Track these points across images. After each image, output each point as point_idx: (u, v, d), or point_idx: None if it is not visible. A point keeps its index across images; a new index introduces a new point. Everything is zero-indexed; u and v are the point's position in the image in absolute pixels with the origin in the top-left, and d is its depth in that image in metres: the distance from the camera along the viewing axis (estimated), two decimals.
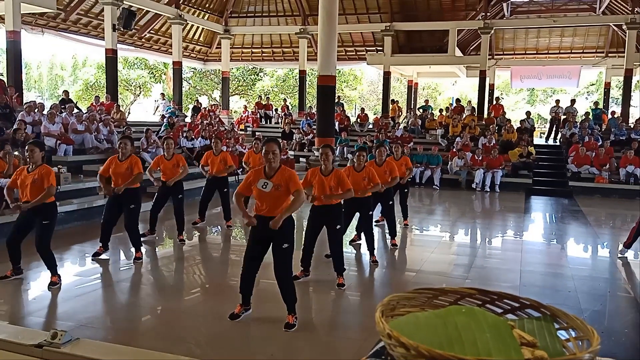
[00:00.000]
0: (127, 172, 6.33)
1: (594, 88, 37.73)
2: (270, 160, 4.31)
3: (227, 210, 8.65)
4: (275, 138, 5.05)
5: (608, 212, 11.89)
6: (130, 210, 6.45)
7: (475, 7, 20.21)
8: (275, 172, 4.35)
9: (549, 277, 6.51)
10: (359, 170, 6.39)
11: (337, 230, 5.63)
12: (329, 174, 5.46)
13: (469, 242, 8.92)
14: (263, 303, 4.92)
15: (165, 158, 7.57)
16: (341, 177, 5.48)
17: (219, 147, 8.66)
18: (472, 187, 14.03)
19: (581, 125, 16.66)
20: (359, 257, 7.16)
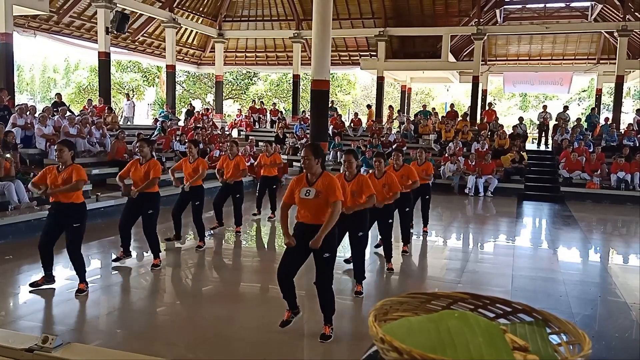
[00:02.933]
0: (146, 176, 6.19)
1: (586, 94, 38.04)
2: (305, 166, 4.23)
3: (239, 216, 8.57)
4: (315, 144, 4.94)
5: (599, 218, 11.98)
6: (147, 216, 6.27)
7: (469, 13, 20.35)
8: (318, 179, 4.25)
9: (540, 282, 6.53)
10: (378, 177, 6.31)
11: (360, 237, 5.54)
12: (352, 179, 5.37)
13: (462, 247, 8.95)
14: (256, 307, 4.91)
15: (188, 162, 7.54)
16: (364, 182, 5.34)
17: (235, 151, 8.55)
18: (465, 192, 14.09)
19: (572, 131, 16.79)
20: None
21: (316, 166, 4.22)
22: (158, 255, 6.40)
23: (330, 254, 4.23)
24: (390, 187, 6.27)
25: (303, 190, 4.21)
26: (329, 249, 4.20)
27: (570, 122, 18.36)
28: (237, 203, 8.53)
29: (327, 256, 4.21)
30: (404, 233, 7.52)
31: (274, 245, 8.65)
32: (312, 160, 4.18)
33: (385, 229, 6.51)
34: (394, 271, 6.60)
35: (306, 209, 4.24)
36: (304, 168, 4.25)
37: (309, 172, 4.24)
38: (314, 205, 4.19)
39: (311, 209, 4.22)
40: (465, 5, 20.53)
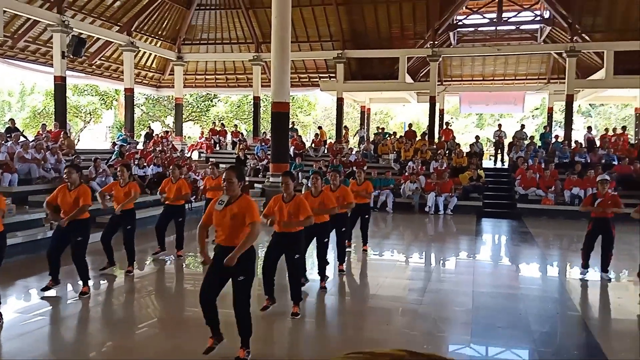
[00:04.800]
0: (75, 202, 6.10)
1: (539, 112, 39.41)
2: (227, 188, 4.29)
3: (180, 240, 8.49)
4: (235, 166, 5.04)
5: (555, 233, 12.31)
6: (77, 243, 6.18)
7: (424, 36, 20.89)
8: (235, 200, 4.30)
9: (500, 299, 6.62)
10: (315, 195, 6.45)
11: (296, 258, 5.60)
12: (290, 200, 5.50)
13: (423, 266, 9.01)
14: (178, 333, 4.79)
15: (119, 185, 7.37)
16: (301, 203, 5.49)
17: (177, 174, 8.47)
18: (425, 210, 14.28)
19: (527, 148, 17.32)
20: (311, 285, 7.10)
21: (238, 189, 4.29)
22: (87, 282, 6.28)
23: (246, 277, 4.25)
24: (325, 205, 6.40)
25: (217, 204, 4.31)
26: (244, 272, 4.23)
27: (528, 139, 18.94)
28: (179, 226, 8.47)
29: (241, 279, 4.23)
30: (339, 252, 7.60)
31: None
32: (235, 182, 4.25)
33: (320, 249, 6.61)
34: (327, 290, 6.65)
35: (222, 230, 4.28)
36: (226, 190, 4.30)
37: (230, 193, 4.29)
38: (230, 226, 4.23)
39: (226, 230, 4.26)
40: (420, 28, 21.07)
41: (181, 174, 8.77)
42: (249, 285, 4.32)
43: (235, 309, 4.29)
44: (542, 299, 6.76)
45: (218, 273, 4.28)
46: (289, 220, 5.44)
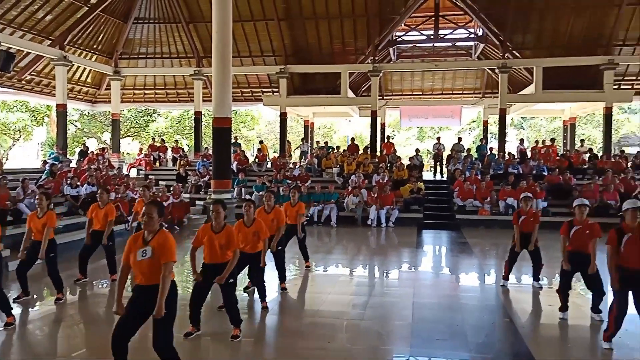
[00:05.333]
0: (43, 227, 6.77)
1: (475, 124, 40.99)
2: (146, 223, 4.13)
3: (112, 264, 8.14)
4: (156, 201, 4.72)
5: (491, 243, 12.71)
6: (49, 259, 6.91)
7: (365, 51, 21.30)
8: (154, 236, 4.14)
9: (439, 311, 6.73)
10: (248, 225, 6.37)
11: (229, 284, 5.49)
12: (220, 231, 5.40)
13: (366, 280, 9.04)
14: None
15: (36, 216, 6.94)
16: (231, 235, 5.40)
17: (105, 198, 8.09)
18: (368, 223, 14.43)
19: (464, 160, 17.90)
20: (252, 304, 6.98)
21: (157, 224, 4.15)
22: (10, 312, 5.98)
23: (167, 312, 4.05)
24: (258, 235, 6.36)
25: (139, 252, 4.08)
26: (166, 308, 4.03)
27: (463, 152, 19.59)
28: (109, 252, 8.16)
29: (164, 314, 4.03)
30: (279, 272, 7.58)
31: None
32: (155, 218, 4.12)
33: (257, 272, 6.55)
34: (268, 310, 6.62)
35: (140, 269, 4.09)
36: (145, 224, 4.12)
37: (148, 228, 4.13)
38: (148, 264, 4.06)
39: (145, 269, 4.08)
40: (361, 44, 21.48)
41: (109, 198, 8.35)
42: (169, 323, 4.11)
43: (157, 346, 4.08)
44: (479, 309, 6.93)
45: (136, 315, 4.09)
46: (221, 252, 5.36)
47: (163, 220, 4.29)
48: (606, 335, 5.32)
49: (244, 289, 7.42)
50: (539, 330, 6.15)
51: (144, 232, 4.18)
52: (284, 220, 7.50)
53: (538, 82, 19.44)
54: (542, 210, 14.43)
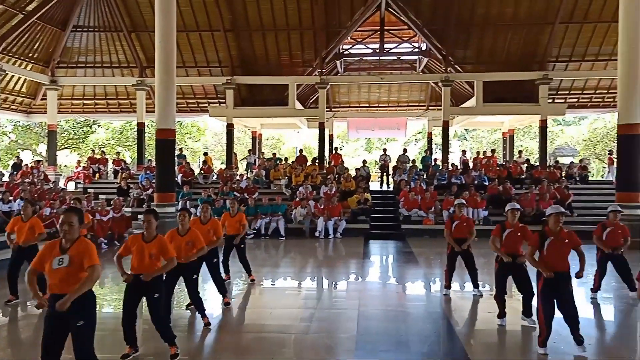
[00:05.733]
0: None
1: (421, 136, 41.99)
2: (66, 231, 4.04)
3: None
4: (74, 208, 4.65)
5: (435, 252, 12.90)
6: None
7: (312, 64, 21.43)
8: (72, 244, 4.07)
9: (383, 323, 6.74)
10: (182, 234, 6.22)
11: (156, 299, 5.25)
12: (151, 240, 5.24)
13: (313, 292, 8.98)
14: None
15: None
16: (163, 244, 5.26)
17: (29, 212, 7.63)
18: (316, 235, 14.40)
19: (409, 171, 18.23)
20: (193, 321, 6.76)
21: (77, 232, 4.11)
22: None
23: (85, 321, 4.00)
24: (193, 244, 6.24)
25: (55, 260, 4.00)
26: (84, 317, 3.99)
27: (409, 163, 19.95)
28: None
29: (81, 324, 3.97)
30: (218, 286, 7.43)
31: None
32: (75, 225, 4.07)
33: (190, 285, 6.39)
34: (210, 325, 6.45)
35: (56, 278, 4.01)
36: (65, 233, 4.05)
37: (68, 237, 4.07)
38: (64, 273, 3.99)
39: (62, 277, 3.99)
40: (309, 56, 21.60)
41: (33, 212, 7.89)
42: (90, 332, 4.04)
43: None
44: (423, 318, 7.00)
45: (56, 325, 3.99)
46: (150, 262, 5.17)
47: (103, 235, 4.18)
48: (540, 340, 5.47)
49: (186, 306, 7.19)
50: (479, 338, 6.25)
51: (62, 240, 4.09)
52: (220, 231, 7.38)
53: (479, 95, 20.13)
54: (483, 219, 14.92)
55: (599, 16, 19.26)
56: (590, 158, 32.19)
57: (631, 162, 13.53)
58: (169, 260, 5.23)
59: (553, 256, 5.35)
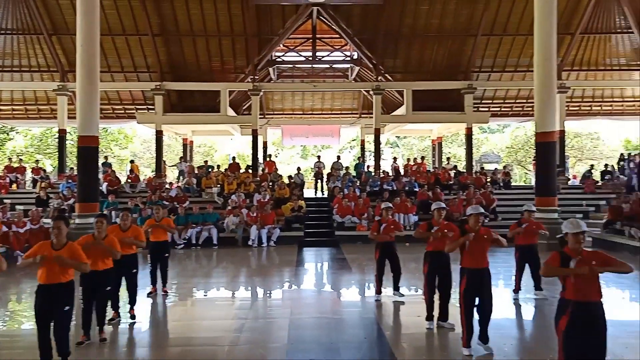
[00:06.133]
0: None
1: (355, 143, 42.61)
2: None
3: None
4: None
5: (368, 258, 13.01)
6: None
7: (244, 70, 21.23)
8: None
9: (315, 330, 6.70)
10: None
11: (65, 312, 4.98)
12: (61, 248, 5.05)
13: (245, 302, 8.79)
14: None
15: None
16: (75, 250, 5.09)
17: None
18: (249, 243, 14.19)
19: (343, 178, 18.40)
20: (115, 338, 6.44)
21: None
22: None
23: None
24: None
25: None
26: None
27: (342, 170, 20.14)
28: None
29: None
30: (131, 296, 7.17)
31: None
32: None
33: (100, 295, 6.16)
34: (107, 341, 6.18)
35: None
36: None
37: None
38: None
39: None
40: (241, 63, 21.39)
41: None
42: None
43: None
44: (354, 325, 7.01)
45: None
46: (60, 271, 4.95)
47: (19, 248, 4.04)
48: (463, 341, 5.62)
49: (109, 320, 6.82)
50: (408, 341, 6.33)
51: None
52: (143, 237, 7.17)
53: (408, 103, 20.69)
54: (413, 224, 15.28)
55: (516, 29, 20.39)
56: (513, 164, 33.88)
57: (548, 168, 14.34)
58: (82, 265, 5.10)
59: (474, 253, 5.55)
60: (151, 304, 8.13)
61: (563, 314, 4.08)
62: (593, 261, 4.11)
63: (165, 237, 8.47)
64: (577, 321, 4.00)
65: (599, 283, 4.11)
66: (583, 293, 4.02)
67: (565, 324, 4.04)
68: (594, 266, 4.07)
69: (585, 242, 4.22)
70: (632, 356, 5.62)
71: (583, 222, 4.31)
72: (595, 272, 4.08)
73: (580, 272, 4.01)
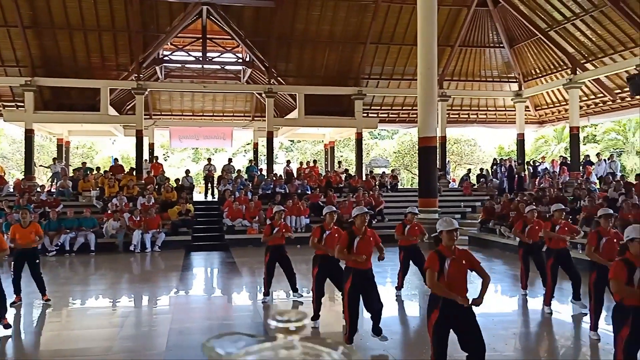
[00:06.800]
0: None
1: (250, 147, 42.14)
2: None
3: None
4: None
5: (259, 261, 12.77)
6: None
7: (128, 68, 20.06)
8: None
9: (196, 336, 6.36)
10: None
11: None
12: None
13: (122, 310, 8.16)
14: None
15: None
16: None
17: None
18: (131, 249, 13.33)
19: (234, 181, 18.01)
20: None
21: None
22: None
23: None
24: None
25: None
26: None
27: (234, 172, 19.72)
28: None
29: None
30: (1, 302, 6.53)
31: None
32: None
33: None
34: None
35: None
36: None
37: None
38: None
39: None
40: (124, 60, 20.20)
41: None
42: None
43: None
44: (240, 328, 6.75)
45: None
46: None
47: None
48: (346, 338, 5.63)
49: None
50: None
51: None
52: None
53: (300, 107, 20.80)
54: (305, 226, 15.33)
55: (403, 39, 21.34)
56: (400, 168, 35.44)
57: (429, 171, 15.11)
58: None
59: (361, 253, 5.55)
60: (14, 314, 7.25)
61: (435, 308, 4.19)
62: (463, 260, 4.31)
63: (34, 241, 7.61)
64: (447, 316, 4.13)
65: (466, 280, 4.31)
66: (452, 289, 4.16)
67: (435, 317, 4.16)
68: (465, 265, 4.29)
69: (458, 239, 4.37)
70: (501, 344, 5.96)
71: (455, 221, 4.47)
72: (464, 270, 4.29)
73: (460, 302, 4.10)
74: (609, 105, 20.75)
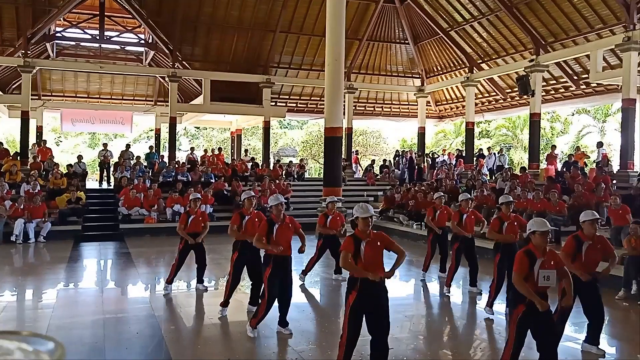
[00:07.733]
0: None
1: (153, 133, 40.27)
2: None
3: None
4: None
5: (157, 251, 12.32)
6: None
7: (14, 44, 18.29)
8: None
9: (78, 331, 5.91)
10: None
11: None
12: None
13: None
14: None
15: None
16: None
17: None
18: (12, 240, 12.17)
19: (132, 168, 17.08)
20: None
21: None
22: None
23: None
24: None
25: None
26: None
27: (132, 159, 18.67)
28: None
29: None
30: None
31: None
32: None
33: None
34: None
35: None
36: None
37: None
38: None
39: None
40: (10, 34, 18.40)
41: None
42: None
43: None
44: (125, 321, 6.39)
45: None
46: None
47: None
48: (253, 323, 5.62)
49: None
50: (189, 335, 5.96)
51: None
52: None
53: (206, 93, 20.13)
54: (209, 215, 14.88)
55: (312, 30, 21.34)
56: (308, 158, 35.66)
57: (334, 160, 15.25)
58: None
59: (279, 242, 5.52)
60: None
61: (353, 289, 4.27)
62: (378, 241, 4.41)
63: None
64: (364, 297, 4.21)
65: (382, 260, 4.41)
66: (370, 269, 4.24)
67: (353, 299, 4.23)
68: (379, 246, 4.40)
69: (372, 224, 4.43)
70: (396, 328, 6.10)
71: (371, 207, 4.60)
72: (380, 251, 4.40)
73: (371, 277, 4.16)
74: (500, 103, 22.22)
